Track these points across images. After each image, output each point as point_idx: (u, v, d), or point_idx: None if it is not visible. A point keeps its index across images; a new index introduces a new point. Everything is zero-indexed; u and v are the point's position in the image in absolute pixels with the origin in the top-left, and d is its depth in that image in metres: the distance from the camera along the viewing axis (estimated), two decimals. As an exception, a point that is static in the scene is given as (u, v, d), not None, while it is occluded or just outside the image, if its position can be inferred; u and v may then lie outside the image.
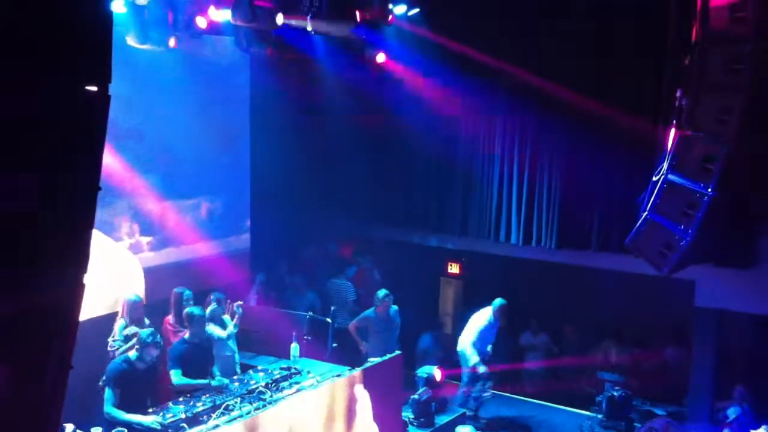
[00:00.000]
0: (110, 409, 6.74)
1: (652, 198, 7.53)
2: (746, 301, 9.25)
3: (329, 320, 9.35)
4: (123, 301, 7.99)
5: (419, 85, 11.07)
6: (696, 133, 7.13)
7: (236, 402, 6.93)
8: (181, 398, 7.10)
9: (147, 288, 8.94)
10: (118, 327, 7.83)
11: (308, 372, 7.92)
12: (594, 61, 9.78)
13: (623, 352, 10.98)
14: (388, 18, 10.01)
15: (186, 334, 7.69)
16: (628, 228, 7.97)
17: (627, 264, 9.55)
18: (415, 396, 9.09)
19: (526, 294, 10.99)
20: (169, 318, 8.37)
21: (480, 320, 9.84)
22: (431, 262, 12.30)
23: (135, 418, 6.64)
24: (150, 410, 6.81)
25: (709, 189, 7.07)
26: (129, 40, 7.85)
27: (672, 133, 7.61)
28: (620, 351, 11.01)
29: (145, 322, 7.89)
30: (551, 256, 10.81)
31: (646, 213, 7.61)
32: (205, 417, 6.68)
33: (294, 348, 8.62)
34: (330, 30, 9.31)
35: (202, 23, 8.30)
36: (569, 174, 10.45)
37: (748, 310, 9.42)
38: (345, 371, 7.92)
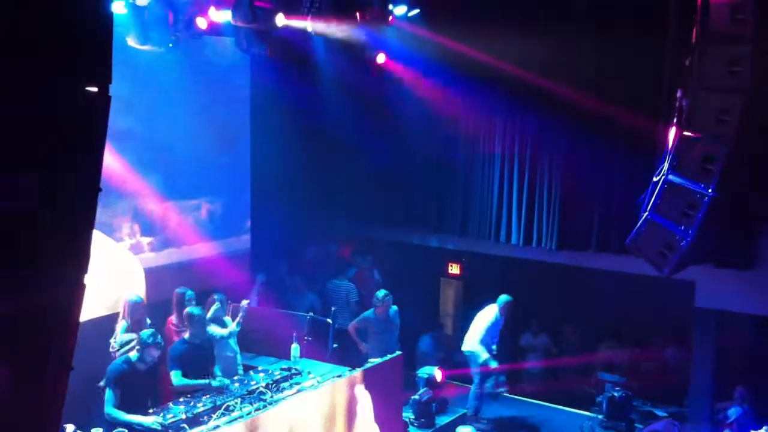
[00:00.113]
0: (111, 410, 6.75)
1: (653, 198, 7.53)
2: (746, 302, 9.25)
3: (330, 321, 9.35)
4: (124, 302, 7.99)
5: (419, 86, 11.07)
6: (696, 134, 7.13)
7: (237, 402, 6.92)
8: (182, 399, 7.10)
9: (148, 288, 8.93)
10: (120, 328, 7.83)
11: (309, 372, 7.91)
12: (594, 61, 9.77)
13: (623, 353, 10.99)
14: (389, 18, 10.04)
15: (187, 334, 7.70)
16: (629, 228, 7.97)
17: (627, 265, 9.56)
18: (416, 396, 9.11)
19: (527, 294, 10.97)
20: (172, 318, 8.38)
21: (486, 318, 9.86)
22: (431, 263, 12.30)
23: (135, 419, 6.63)
24: (150, 411, 6.80)
25: (710, 189, 7.08)
26: (129, 41, 7.86)
27: (672, 134, 7.62)
28: (620, 351, 11.01)
29: (147, 323, 7.89)
30: (552, 257, 10.81)
31: (647, 213, 7.61)
32: (206, 417, 6.68)
33: (294, 348, 8.62)
34: (330, 31, 9.33)
35: (203, 24, 8.32)
36: (569, 174, 10.45)
37: (748, 311, 9.42)
38: (345, 372, 7.92)
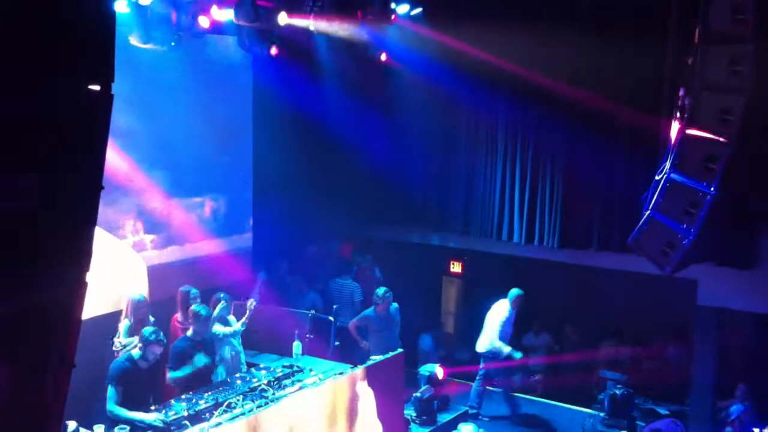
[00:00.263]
0: (113, 407, 6.76)
1: (655, 197, 7.53)
2: (748, 300, 9.27)
3: (331, 319, 9.36)
4: (127, 301, 7.99)
5: (421, 84, 11.08)
6: (698, 133, 7.13)
7: (238, 400, 6.92)
8: (184, 396, 7.13)
9: (151, 286, 8.94)
10: (123, 327, 7.84)
11: (310, 370, 7.91)
12: (595, 60, 9.76)
13: (625, 351, 10.99)
14: (391, 17, 10.05)
15: (190, 331, 7.73)
16: (631, 227, 7.97)
17: (629, 263, 9.57)
18: (418, 394, 9.11)
19: (528, 293, 10.98)
20: (177, 316, 8.39)
21: (499, 314, 9.93)
22: (433, 261, 12.31)
23: (137, 416, 6.65)
24: (152, 408, 6.81)
25: (712, 188, 7.08)
26: (132, 40, 7.87)
27: (674, 132, 7.62)
28: (622, 349, 11.02)
29: (150, 321, 7.91)
30: (553, 255, 10.82)
31: (649, 212, 7.61)
32: (208, 415, 6.68)
33: (296, 346, 8.64)
34: (332, 29, 9.34)
35: (205, 23, 8.32)
36: (571, 173, 10.46)
37: (750, 309, 9.44)
38: (347, 369, 7.94)
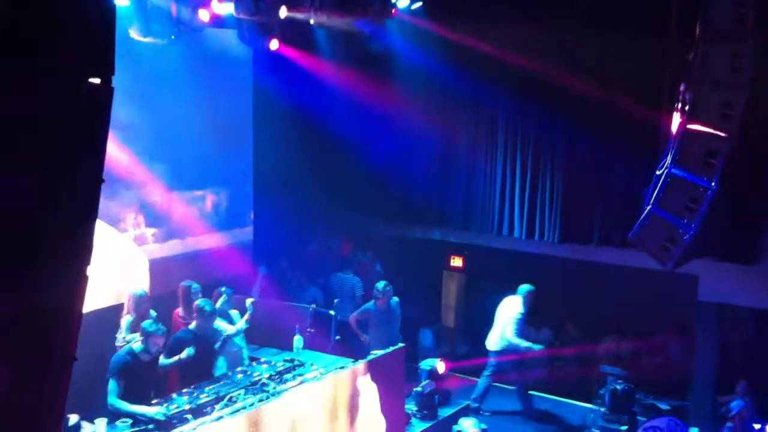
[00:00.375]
0: (114, 401, 6.77)
1: (656, 192, 7.53)
2: (749, 296, 9.28)
3: (332, 313, 9.37)
4: (129, 296, 8.00)
5: (421, 79, 11.06)
6: (699, 128, 7.13)
7: (240, 393, 6.94)
8: (185, 389, 7.14)
9: (152, 279, 8.95)
10: (125, 323, 7.85)
11: (312, 364, 7.93)
12: (596, 55, 9.75)
13: (626, 346, 10.99)
14: (391, 11, 10.03)
15: (193, 325, 7.73)
16: (631, 222, 7.96)
17: (630, 258, 9.56)
18: (419, 388, 9.11)
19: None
20: (179, 310, 8.40)
21: (513, 310, 9.92)
22: (434, 256, 12.30)
23: (139, 410, 6.65)
24: (154, 401, 6.83)
25: (712, 183, 7.09)
26: (132, 33, 7.86)
27: (675, 128, 7.62)
28: (623, 345, 11.02)
29: (152, 314, 7.91)
30: (554, 251, 10.82)
31: (650, 207, 7.61)
32: (209, 408, 6.70)
33: (297, 340, 8.65)
34: (333, 23, 9.32)
35: (205, 16, 8.30)
36: (572, 168, 10.45)
37: (751, 305, 9.44)
38: (348, 363, 7.94)
